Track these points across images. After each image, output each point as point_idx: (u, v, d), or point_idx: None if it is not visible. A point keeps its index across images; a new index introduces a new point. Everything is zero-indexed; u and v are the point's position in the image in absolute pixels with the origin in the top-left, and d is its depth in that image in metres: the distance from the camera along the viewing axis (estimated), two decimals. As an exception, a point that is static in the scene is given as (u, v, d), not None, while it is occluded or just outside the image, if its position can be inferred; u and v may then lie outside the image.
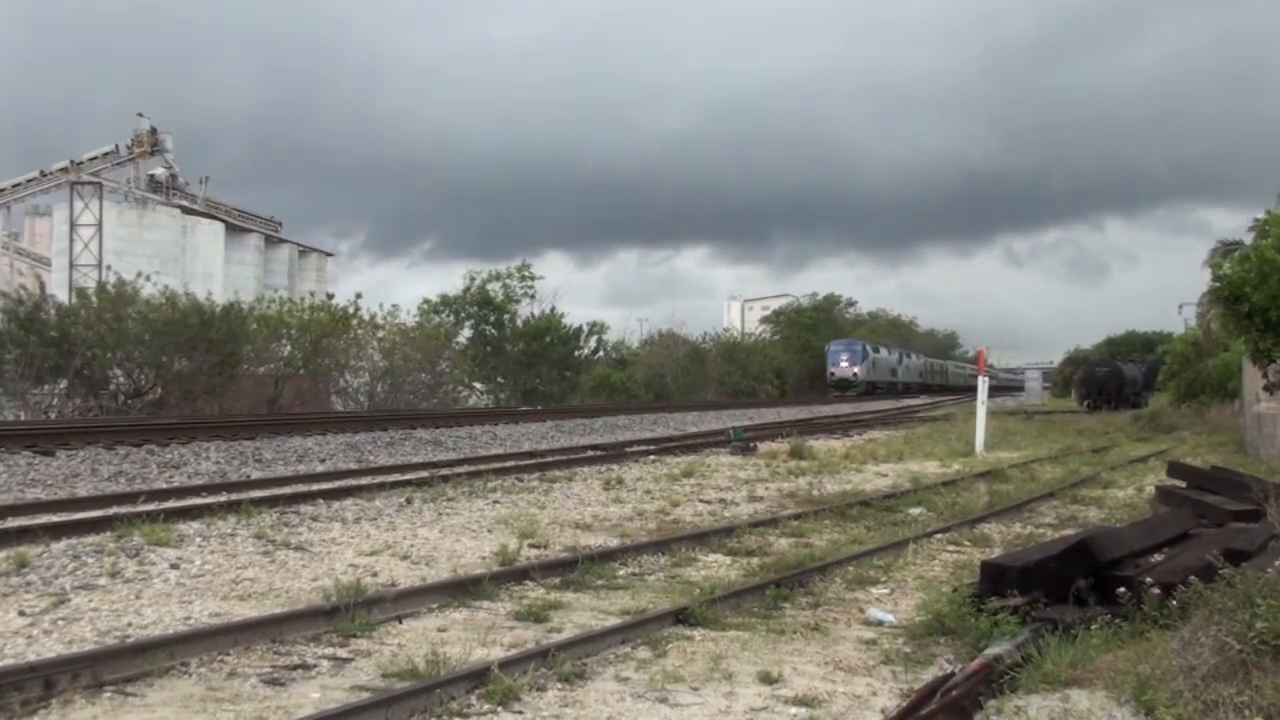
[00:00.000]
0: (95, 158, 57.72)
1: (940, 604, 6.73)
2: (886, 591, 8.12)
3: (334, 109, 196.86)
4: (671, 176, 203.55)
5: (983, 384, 23.85)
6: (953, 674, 5.31)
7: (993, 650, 5.57)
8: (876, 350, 76.00)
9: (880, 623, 7.03)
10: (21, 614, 6.60)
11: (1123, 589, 6.33)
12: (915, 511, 12.44)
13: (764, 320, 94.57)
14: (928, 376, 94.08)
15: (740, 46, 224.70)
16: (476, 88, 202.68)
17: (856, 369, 69.60)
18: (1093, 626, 5.91)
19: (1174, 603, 5.97)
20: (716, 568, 8.97)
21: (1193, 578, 6.07)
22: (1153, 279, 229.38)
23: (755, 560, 9.19)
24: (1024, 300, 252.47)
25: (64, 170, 57.32)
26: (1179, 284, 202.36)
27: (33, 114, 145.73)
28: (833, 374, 69.82)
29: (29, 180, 59.22)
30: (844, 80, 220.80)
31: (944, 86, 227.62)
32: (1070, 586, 6.57)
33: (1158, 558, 7.77)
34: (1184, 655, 4.93)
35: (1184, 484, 12.02)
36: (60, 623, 6.44)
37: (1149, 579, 6.40)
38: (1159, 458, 19.93)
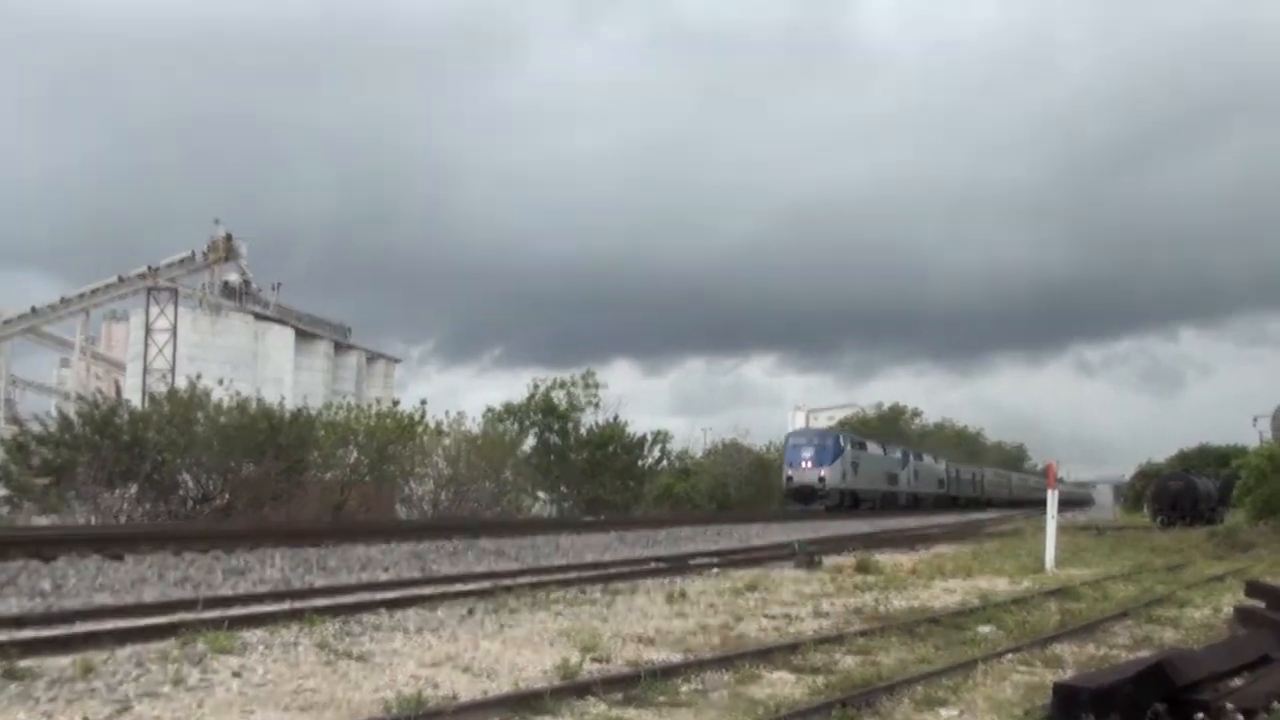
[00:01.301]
0: (172, 264, 59.29)
1: (1012, 727, 6.56)
2: (956, 713, 7.93)
3: (408, 214, 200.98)
4: (741, 284, 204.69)
5: (1052, 497, 23.47)
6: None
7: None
8: (861, 446, 57.86)
9: (950, 746, 6.85)
10: (85, 721, 6.63)
11: (1201, 715, 6.15)
12: (985, 630, 12.18)
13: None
14: (954, 486, 77.38)
15: (812, 154, 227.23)
16: (551, 193, 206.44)
17: (824, 471, 51.37)
18: (1171, 754, 5.73)
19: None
20: (781, 685, 8.81)
21: (1276, 704, 5.89)
22: (1227, 390, 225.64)
23: (820, 679, 9.02)
24: (1095, 411, 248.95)
25: (142, 276, 58.87)
26: (1255, 395, 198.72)
27: (117, 219, 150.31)
28: (789, 478, 52.15)
29: (108, 286, 60.86)
30: (916, 188, 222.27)
31: (1017, 194, 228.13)
32: (1146, 710, 6.39)
33: (1238, 681, 7.55)
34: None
35: (1263, 604, 11.71)
36: (123, 731, 6.45)
37: (1229, 704, 6.21)
38: (1236, 576, 19.40)
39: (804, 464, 51.67)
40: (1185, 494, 49.57)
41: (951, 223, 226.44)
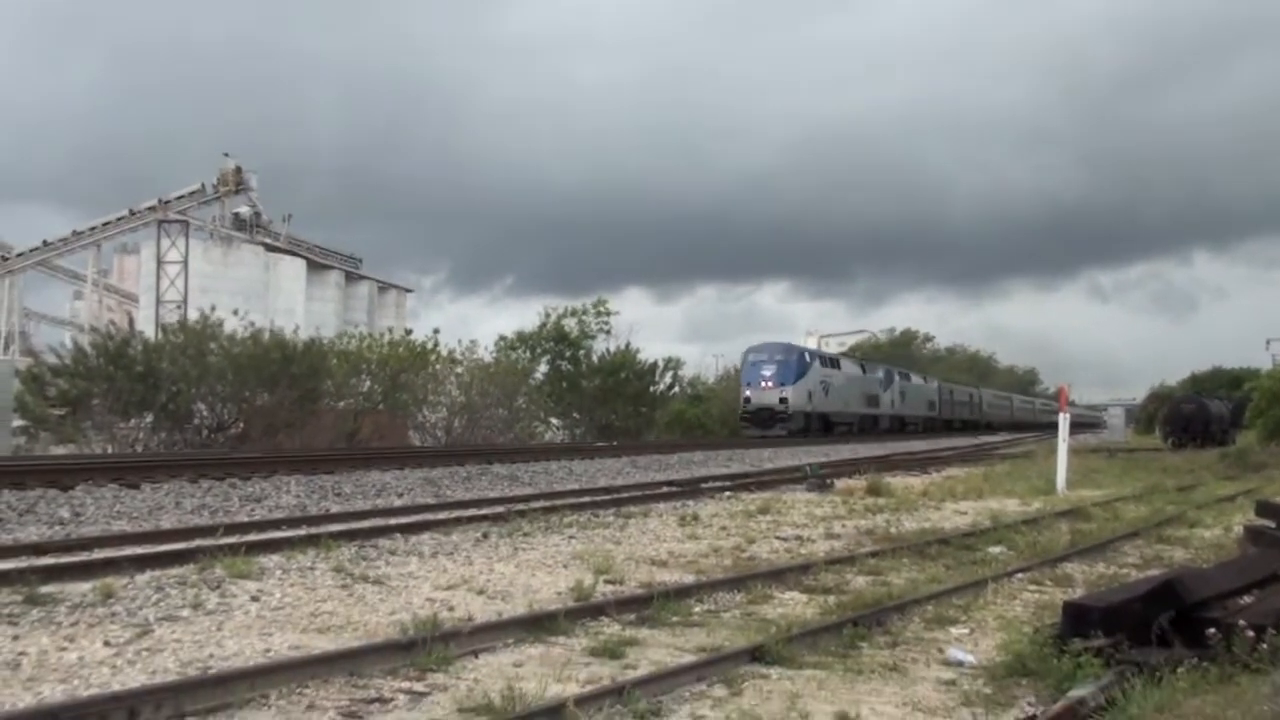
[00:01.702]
0: (182, 196, 59.04)
1: (1021, 645, 6.62)
2: (966, 631, 8.00)
3: (419, 145, 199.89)
4: (753, 211, 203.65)
5: (1064, 420, 23.47)
6: (1035, 717, 5.22)
7: (1076, 693, 5.46)
8: (832, 364, 52.62)
9: (960, 663, 6.92)
10: (107, 644, 6.72)
11: (1213, 630, 6.18)
12: (995, 550, 12.24)
13: (841, 356, 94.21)
14: (947, 409, 72.54)
15: (821, 81, 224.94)
16: (563, 122, 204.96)
17: (787, 392, 45.31)
18: (1179, 670, 5.77)
19: (1264, 646, 5.82)
20: (793, 605, 8.89)
21: (1284, 620, 5.92)
22: (1241, 314, 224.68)
23: (832, 598, 9.10)
24: (1108, 336, 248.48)
25: (152, 209, 58.65)
26: (1269, 318, 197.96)
27: (121, 148, 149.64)
28: (747, 399, 46.42)
29: (119, 219, 60.65)
30: (926, 115, 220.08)
31: (1028, 119, 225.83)
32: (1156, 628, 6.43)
33: (1247, 599, 7.59)
34: (1275, 701, 4.80)
35: (1273, 524, 11.73)
36: (144, 653, 6.54)
37: (1240, 621, 6.24)
38: (1247, 496, 19.43)
39: (763, 383, 45.73)
40: (1197, 416, 49.60)
41: (961, 149, 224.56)
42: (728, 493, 19.09)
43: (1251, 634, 5.99)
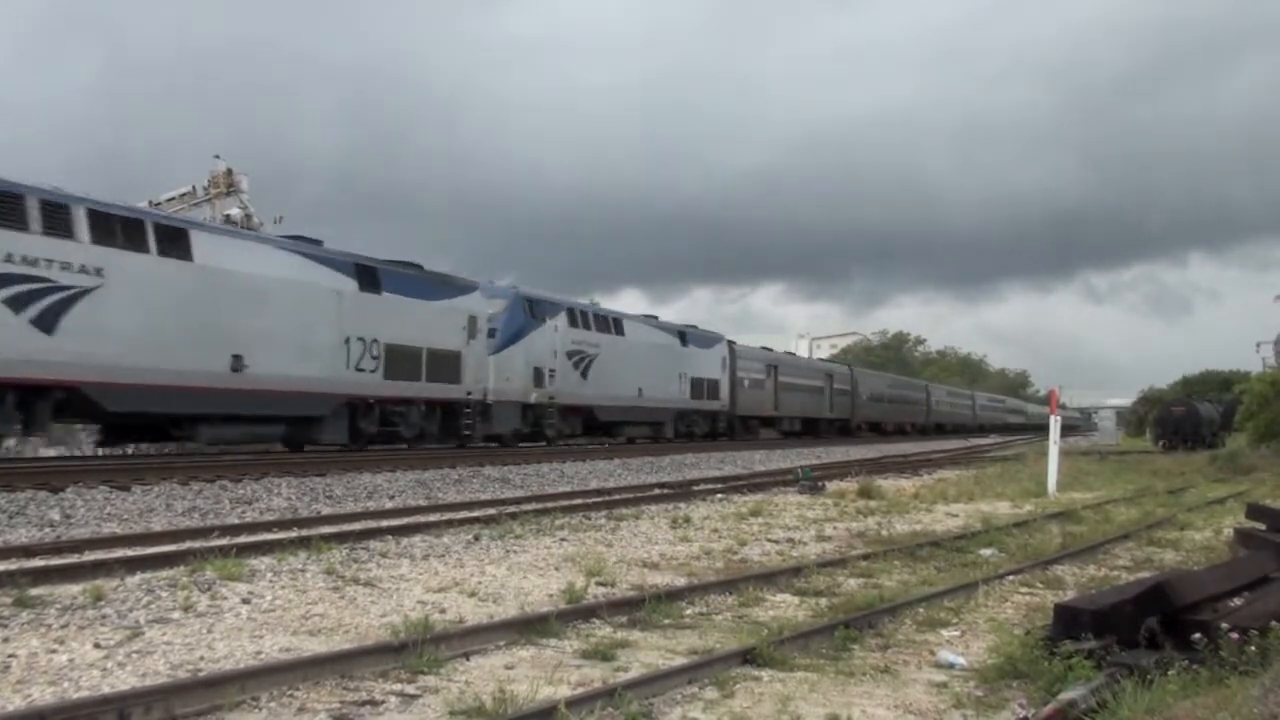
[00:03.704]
0: (173, 199, 58.91)
1: (1012, 647, 6.62)
2: (957, 634, 8.01)
3: (416, 147, 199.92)
4: (749, 212, 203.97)
5: (1055, 423, 23.52)
6: (1026, 718, 5.22)
7: (1067, 695, 5.47)
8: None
9: (951, 665, 6.93)
10: (97, 646, 6.70)
11: (1198, 634, 6.20)
12: (987, 553, 12.27)
13: (832, 359, 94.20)
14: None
15: (822, 82, 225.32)
16: (555, 125, 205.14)
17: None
18: (1169, 672, 5.78)
19: (1253, 649, 5.84)
20: (784, 608, 8.90)
21: (1274, 623, 5.93)
22: (1234, 316, 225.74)
23: (824, 601, 9.11)
24: (1101, 338, 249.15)
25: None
26: (1261, 321, 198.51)
27: (122, 152, 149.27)
28: None
29: (109, 220, 60.49)
30: (928, 117, 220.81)
31: (1030, 122, 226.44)
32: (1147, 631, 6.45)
33: (1237, 602, 7.61)
34: (1265, 703, 4.80)
35: (1264, 526, 11.77)
36: (134, 655, 6.53)
37: (1225, 624, 6.26)
38: (1237, 499, 19.50)
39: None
40: (1188, 419, 49.79)
41: (963, 152, 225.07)
42: (719, 495, 19.12)
43: (1237, 636, 6.00)
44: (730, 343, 44.60)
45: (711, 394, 41.60)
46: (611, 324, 35.30)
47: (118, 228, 18.61)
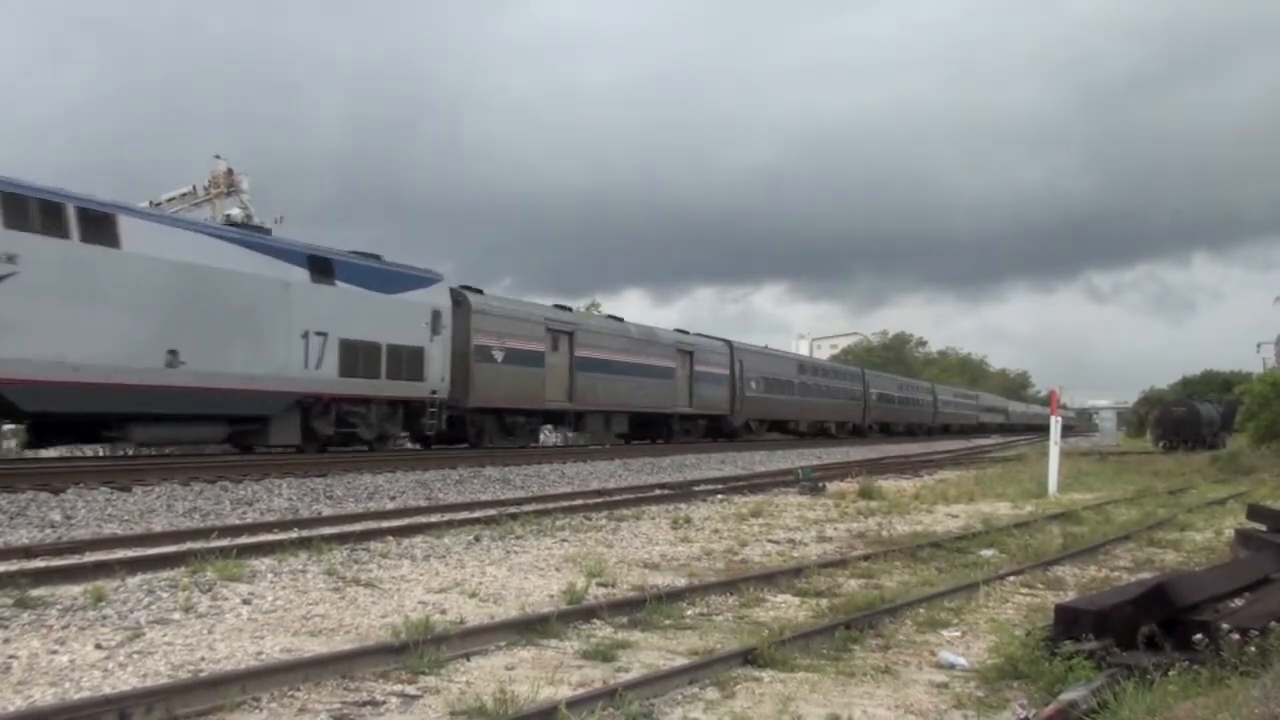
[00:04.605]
0: (174, 199, 58.91)
1: (1013, 647, 6.62)
2: (958, 634, 8.01)
3: (418, 146, 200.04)
4: (753, 212, 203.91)
5: (1055, 424, 23.51)
6: (1027, 719, 5.22)
7: (1068, 696, 5.47)
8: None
9: (952, 665, 6.93)
10: (98, 647, 6.70)
11: (1199, 635, 6.20)
12: (987, 553, 12.26)
13: (833, 360, 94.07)
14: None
15: (827, 83, 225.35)
16: (560, 124, 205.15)
17: None
18: (1170, 673, 5.78)
19: (1253, 649, 5.84)
20: (785, 608, 8.90)
21: (1275, 623, 5.93)
22: (1236, 317, 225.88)
23: (824, 601, 9.11)
24: (1104, 338, 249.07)
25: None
26: (1263, 322, 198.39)
27: (123, 147, 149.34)
28: None
29: (110, 221, 60.48)
30: (934, 117, 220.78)
31: (1036, 123, 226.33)
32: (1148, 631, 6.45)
33: (1238, 603, 7.61)
34: (1266, 704, 4.80)
35: (1264, 527, 11.77)
36: (135, 656, 6.53)
37: (1226, 624, 6.26)
38: (1238, 500, 19.51)
39: None
40: (1188, 419, 49.81)
41: (968, 152, 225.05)
42: (720, 496, 19.12)
43: (1237, 637, 6.00)
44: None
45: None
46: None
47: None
